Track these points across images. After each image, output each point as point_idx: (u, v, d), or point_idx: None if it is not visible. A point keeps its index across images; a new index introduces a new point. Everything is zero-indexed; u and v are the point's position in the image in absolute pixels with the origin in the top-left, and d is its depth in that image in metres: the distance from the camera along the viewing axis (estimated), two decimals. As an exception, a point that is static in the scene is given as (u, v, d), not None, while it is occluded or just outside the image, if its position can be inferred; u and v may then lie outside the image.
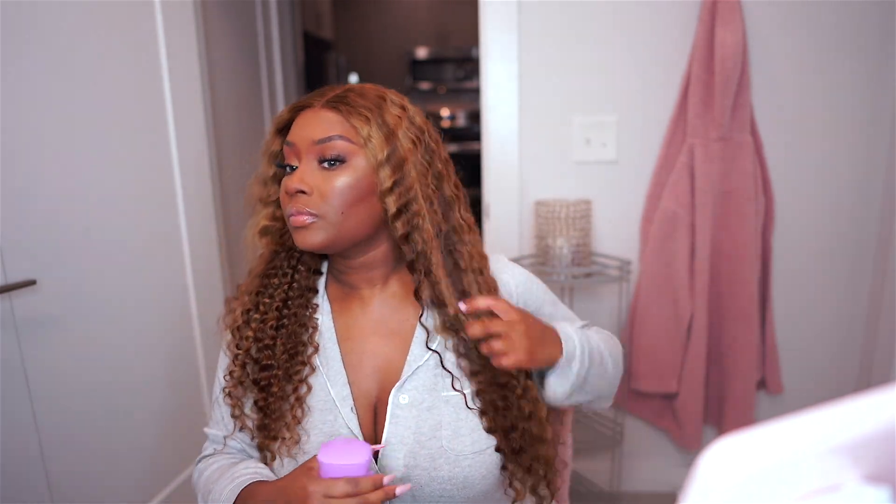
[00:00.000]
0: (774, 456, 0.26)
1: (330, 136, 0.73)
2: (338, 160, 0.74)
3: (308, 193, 0.74)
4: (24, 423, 1.28)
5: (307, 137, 0.74)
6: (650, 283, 1.70)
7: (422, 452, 0.76)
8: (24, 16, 1.26)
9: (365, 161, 0.74)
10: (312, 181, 0.74)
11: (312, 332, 0.82)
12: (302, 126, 0.76)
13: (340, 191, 0.73)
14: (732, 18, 1.51)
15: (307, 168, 0.75)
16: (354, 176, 0.74)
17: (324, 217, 0.74)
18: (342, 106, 0.74)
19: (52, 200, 1.34)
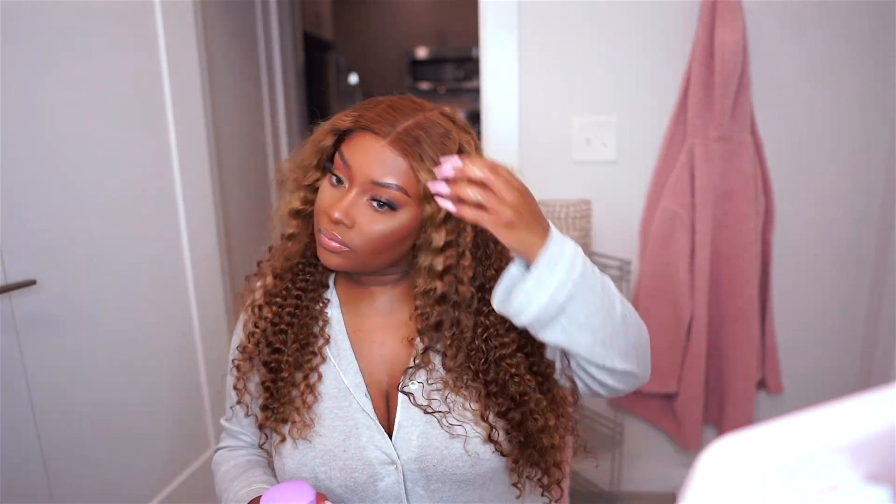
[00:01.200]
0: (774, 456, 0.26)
1: (390, 184, 0.71)
2: (390, 205, 0.72)
3: (349, 227, 0.73)
4: (24, 423, 1.28)
5: (367, 173, 0.71)
6: (650, 283, 1.70)
7: (433, 433, 0.78)
8: (23, 16, 1.26)
9: (413, 211, 0.73)
10: (357, 215, 0.73)
11: (323, 325, 0.84)
12: (364, 156, 0.71)
13: (381, 235, 0.73)
14: (732, 18, 1.51)
15: (356, 200, 0.72)
16: (399, 224, 0.73)
17: (355, 251, 0.74)
18: (412, 151, 0.70)
19: (52, 200, 1.34)
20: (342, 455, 0.79)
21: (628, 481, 1.91)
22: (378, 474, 0.78)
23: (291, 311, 0.82)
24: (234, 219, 2.24)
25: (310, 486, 0.69)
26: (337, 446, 0.79)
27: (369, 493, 0.79)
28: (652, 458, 1.91)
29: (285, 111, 2.78)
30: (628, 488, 1.91)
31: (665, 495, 1.89)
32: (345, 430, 0.79)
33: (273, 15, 2.63)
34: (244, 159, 2.37)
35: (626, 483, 1.90)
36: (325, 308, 0.85)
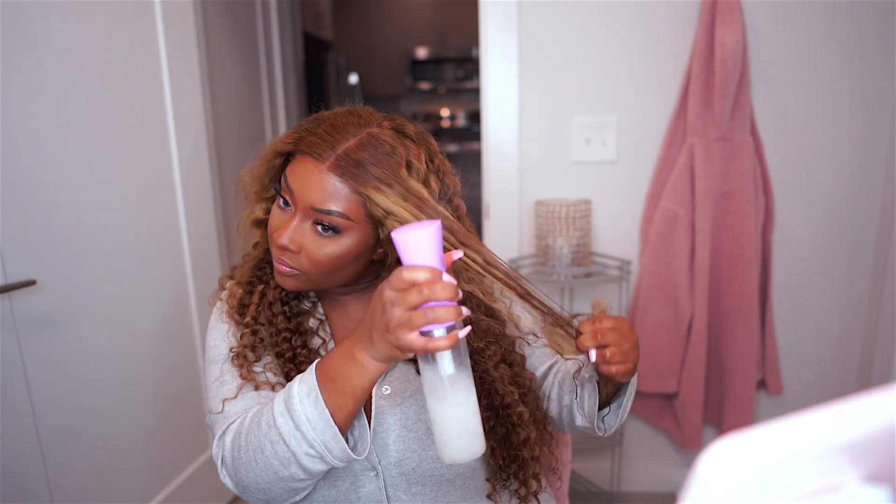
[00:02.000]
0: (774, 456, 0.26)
1: (329, 210, 0.69)
2: (334, 229, 0.71)
3: (295, 252, 0.72)
4: (24, 422, 1.28)
5: (307, 199, 0.70)
6: (650, 283, 1.70)
7: (410, 436, 0.78)
8: (23, 16, 1.26)
9: (361, 233, 0.72)
10: (302, 240, 0.72)
11: (320, 323, 0.84)
12: (304, 181, 0.70)
13: (329, 258, 0.72)
14: (732, 18, 1.51)
15: (299, 226, 0.72)
16: (346, 246, 0.72)
17: (306, 273, 0.74)
18: (352, 176, 0.68)
19: (52, 200, 1.34)
20: None
21: (628, 481, 1.91)
22: (359, 481, 0.78)
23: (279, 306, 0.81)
24: (234, 220, 2.24)
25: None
26: None
27: (352, 500, 0.79)
28: (652, 458, 1.91)
29: (285, 111, 2.78)
30: (628, 488, 1.91)
31: (665, 495, 1.89)
32: None
33: (273, 15, 2.63)
34: (244, 159, 2.37)
35: (626, 483, 1.91)
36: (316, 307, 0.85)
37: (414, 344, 0.58)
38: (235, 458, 0.70)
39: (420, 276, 0.58)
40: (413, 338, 0.58)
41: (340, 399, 0.64)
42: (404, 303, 0.58)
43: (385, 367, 0.64)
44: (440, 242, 0.60)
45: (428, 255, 0.59)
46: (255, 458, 0.68)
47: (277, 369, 0.80)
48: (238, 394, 0.77)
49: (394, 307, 0.59)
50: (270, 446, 0.66)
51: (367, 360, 0.63)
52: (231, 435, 0.72)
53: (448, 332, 0.59)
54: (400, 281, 0.58)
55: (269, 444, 0.66)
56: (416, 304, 0.58)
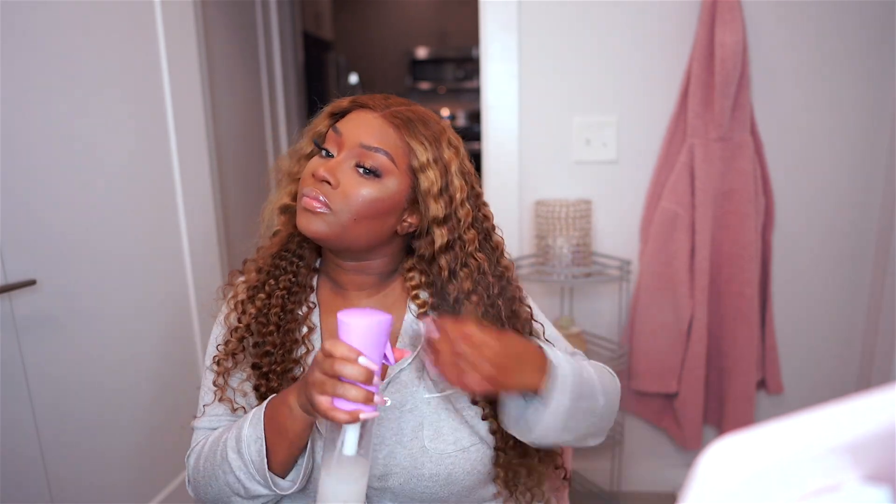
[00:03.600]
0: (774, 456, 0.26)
1: (378, 148, 0.73)
2: (374, 172, 0.73)
3: (333, 186, 0.73)
4: (24, 423, 1.28)
5: (356, 137, 0.74)
6: (650, 283, 1.70)
7: (402, 452, 0.76)
8: (23, 16, 1.26)
9: (398, 184, 0.75)
10: (342, 177, 0.73)
11: (308, 332, 0.82)
12: (356, 123, 0.75)
13: (364, 199, 0.73)
14: (732, 18, 1.51)
15: (343, 164, 0.74)
16: (383, 192, 0.74)
17: (336, 214, 0.73)
18: (403, 126, 0.75)
19: (52, 200, 1.34)
20: None
21: (628, 481, 1.91)
22: None
23: (277, 313, 0.80)
24: (234, 219, 2.24)
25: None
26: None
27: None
28: (652, 458, 1.91)
29: (285, 111, 2.78)
30: (628, 488, 1.91)
31: (665, 495, 1.89)
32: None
33: (273, 15, 2.63)
34: (244, 159, 2.38)
35: (626, 483, 1.90)
36: (311, 314, 0.83)
37: (319, 405, 0.62)
38: (196, 478, 0.78)
39: (337, 350, 0.62)
40: (321, 400, 0.62)
41: (276, 438, 0.71)
42: (322, 368, 0.63)
43: (309, 419, 0.69)
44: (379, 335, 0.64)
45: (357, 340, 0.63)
46: (210, 483, 0.76)
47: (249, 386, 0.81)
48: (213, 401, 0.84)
49: (315, 367, 0.64)
50: (223, 476, 0.74)
51: (295, 406, 0.68)
52: (194, 457, 0.81)
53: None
54: (324, 348, 0.63)
55: (223, 473, 0.74)
56: (329, 374, 0.62)
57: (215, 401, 0.83)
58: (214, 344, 0.85)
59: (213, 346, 0.85)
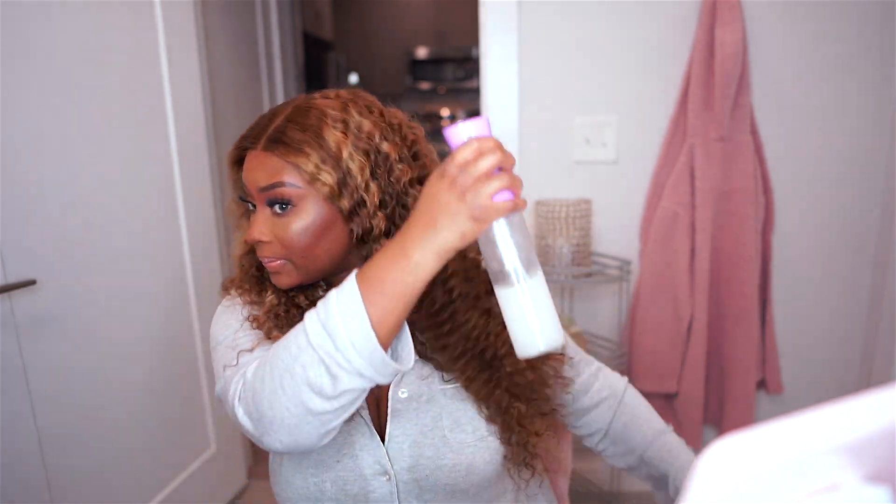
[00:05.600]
0: (774, 456, 0.26)
1: (272, 184, 0.71)
2: (287, 204, 0.72)
3: (268, 242, 0.73)
4: (24, 422, 1.28)
5: (253, 184, 0.73)
6: (650, 283, 1.70)
7: (425, 443, 0.77)
8: (24, 16, 1.26)
9: (315, 199, 0.71)
10: (269, 228, 0.73)
11: None
12: (248, 171, 0.74)
13: (296, 235, 0.72)
14: (732, 18, 1.51)
15: (262, 215, 0.73)
16: (307, 217, 0.72)
17: (290, 260, 0.74)
18: (279, 147, 0.71)
19: (52, 200, 1.34)
20: (335, 466, 0.77)
21: (628, 481, 1.91)
22: (370, 486, 0.77)
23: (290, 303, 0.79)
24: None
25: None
26: (331, 456, 0.77)
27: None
28: (652, 458, 1.91)
29: (285, 111, 2.78)
30: (628, 488, 1.91)
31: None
32: (339, 437, 0.77)
33: (273, 15, 2.63)
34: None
35: (626, 483, 1.90)
36: None
37: (490, 208, 0.57)
38: (258, 390, 0.62)
39: (488, 143, 0.58)
40: (489, 203, 0.56)
41: (390, 303, 0.59)
42: (476, 170, 0.57)
43: (441, 262, 0.59)
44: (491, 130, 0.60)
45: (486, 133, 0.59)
46: (281, 386, 0.60)
47: None
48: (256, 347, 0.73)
49: (464, 176, 0.57)
50: (302, 371, 0.59)
51: (424, 255, 0.59)
52: (252, 368, 0.66)
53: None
54: (467, 150, 0.58)
55: (301, 368, 0.59)
56: (491, 169, 0.57)
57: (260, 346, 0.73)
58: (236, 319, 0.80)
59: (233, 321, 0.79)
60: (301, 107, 0.74)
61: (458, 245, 0.59)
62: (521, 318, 0.60)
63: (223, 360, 0.74)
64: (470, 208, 0.57)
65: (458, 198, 0.57)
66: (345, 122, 0.72)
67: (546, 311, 0.61)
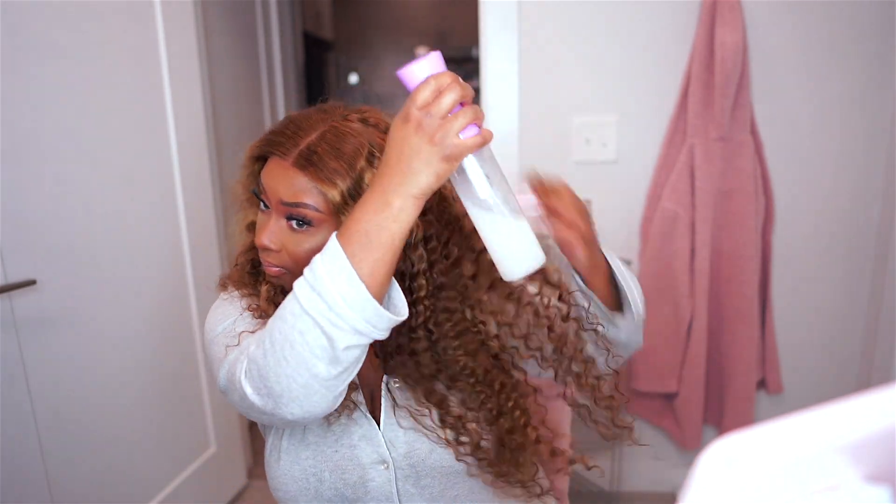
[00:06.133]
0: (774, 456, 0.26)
1: (296, 203, 0.70)
2: (306, 223, 0.71)
3: (277, 251, 0.73)
4: (24, 422, 1.28)
5: (276, 194, 0.71)
6: (650, 283, 1.70)
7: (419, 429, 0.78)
8: (24, 16, 1.26)
9: (333, 227, 0.70)
10: (281, 239, 0.73)
11: None
12: (272, 177, 0.72)
13: (308, 254, 0.69)
14: (732, 18, 1.51)
15: (276, 224, 0.73)
16: (323, 240, 0.67)
17: (292, 272, 0.73)
18: (310, 169, 0.69)
19: (52, 200, 1.34)
20: (333, 456, 0.78)
21: (628, 481, 1.91)
22: (368, 475, 0.78)
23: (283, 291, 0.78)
24: (234, 221, 2.24)
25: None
26: (329, 446, 0.78)
27: (360, 494, 0.78)
28: (652, 458, 1.91)
29: (285, 111, 2.78)
30: (628, 488, 1.91)
31: (665, 495, 1.89)
32: (336, 428, 0.79)
33: (273, 15, 2.63)
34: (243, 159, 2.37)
35: (626, 483, 1.90)
36: None
37: (459, 146, 0.58)
38: (262, 365, 0.62)
39: (445, 79, 0.58)
40: (457, 140, 0.58)
41: (377, 252, 0.59)
42: (439, 110, 0.58)
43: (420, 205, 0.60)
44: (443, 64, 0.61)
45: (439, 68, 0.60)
46: (284, 357, 0.60)
47: None
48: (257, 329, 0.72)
49: (429, 119, 0.58)
50: (301, 337, 0.59)
51: (404, 200, 0.59)
52: (255, 342, 0.65)
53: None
54: (425, 91, 0.58)
55: (300, 334, 0.59)
56: (453, 106, 0.58)
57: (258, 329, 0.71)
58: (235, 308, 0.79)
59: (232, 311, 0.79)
60: (339, 130, 0.71)
61: (435, 186, 0.60)
62: (503, 243, 0.63)
63: (225, 343, 0.73)
64: (441, 149, 0.58)
65: (427, 141, 0.58)
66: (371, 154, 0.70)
67: (526, 233, 0.64)
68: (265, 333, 0.63)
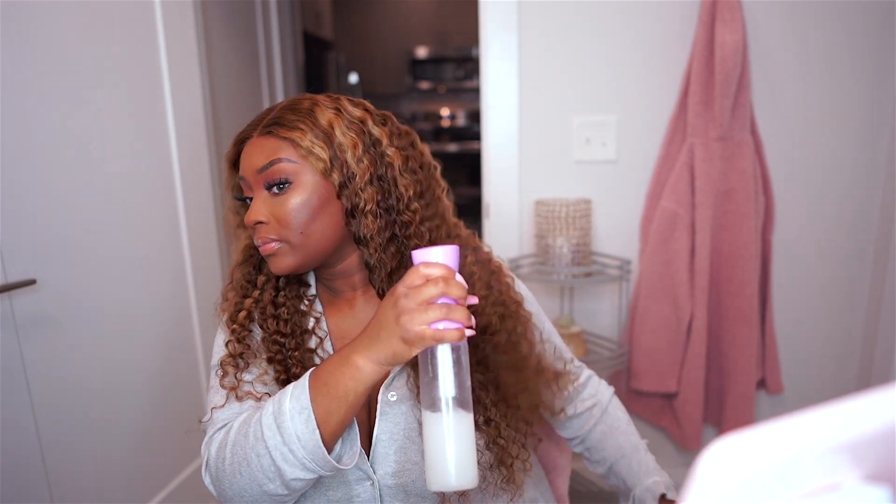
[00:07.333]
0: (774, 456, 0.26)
1: (270, 162, 0.73)
2: (284, 183, 0.74)
3: (266, 222, 0.75)
4: (24, 422, 1.28)
5: (251, 168, 0.75)
6: (650, 282, 1.70)
7: (412, 448, 0.77)
8: (24, 16, 1.26)
9: (311, 175, 0.74)
10: (267, 209, 0.75)
11: (316, 321, 0.82)
12: (245, 159, 0.76)
13: (294, 211, 0.73)
14: (732, 18, 1.51)
15: (259, 198, 0.75)
16: (305, 193, 0.74)
17: (287, 241, 0.74)
18: (275, 128, 0.74)
19: (52, 200, 1.34)
20: None
21: (628, 481, 1.91)
22: (354, 491, 0.77)
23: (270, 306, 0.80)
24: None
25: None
26: None
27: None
28: (652, 458, 1.91)
29: (285, 111, 2.78)
30: (628, 488, 1.91)
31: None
32: None
33: (273, 14, 2.63)
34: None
35: (626, 483, 1.90)
36: (313, 305, 0.83)
37: (425, 334, 0.58)
38: (219, 468, 0.70)
39: (436, 271, 0.60)
40: (424, 328, 0.58)
41: (333, 404, 0.64)
42: (419, 296, 0.59)
43: (382, 371, 0.63)
44: (457, 260, 0.62)
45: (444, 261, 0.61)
46: (239, 471, 0.67)
47: (269, 377, 0.79)
48: (225, 403, 0.77)
49: (406, 300, 0.60)
50: (257, 460, 0.66)
51: (366, 362, 0.63)
52: (216, 444, 0.72)
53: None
54: (415, 276, 0.60)
55: (256, 457, 0.66)
56: (431, 298, 0.59)
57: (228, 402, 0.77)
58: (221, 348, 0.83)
59: (218, 350, 0.84)
60: (294, 98, 0.79)
61: (393, 361, 0.62)
62: (440, 449, 0.60)
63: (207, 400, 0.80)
64: (401, 331, 0.60)
65: (395, 318, 0.60)
66: (336, 108, 0.76)
67: (467, 449, 0.60)
68: (228, 441, 0.70)
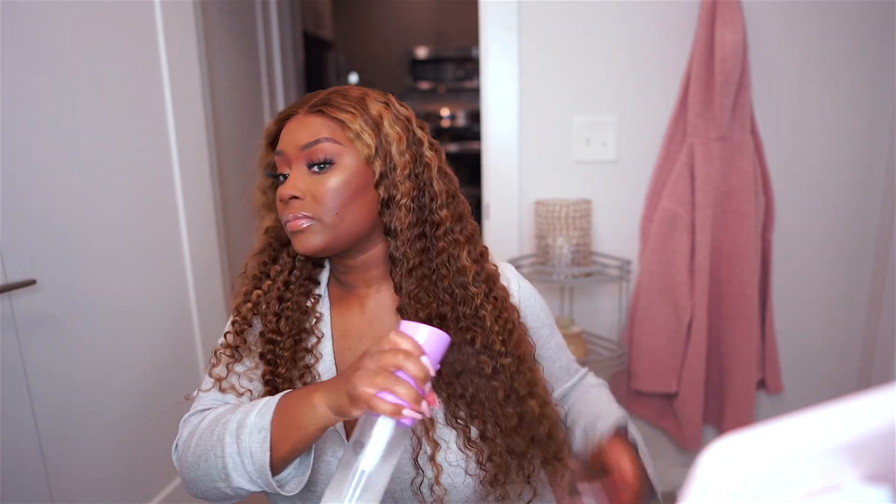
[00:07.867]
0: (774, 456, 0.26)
1: (316, 140, 0.73)
2: (327, 163, 0.74)
3: (301, 198, 0.74)
4: (24, 422, 1.28)
5: (294, 144, 0.75)
6: (650, 282, 1.70)
7: (403, 457, 0.76)
8: (24, 16, 1.26)
9: (354, 159, 0.74)
10: (304, 185, 0.74)
11: (316, 321, 0.81)
12: (289, 134, 0.76)
13: (333, 191, 0.73)
14: (732, 18, 1.51)
15: (298, 174, 0.75)
16: (345, 175, 0.74)
17: (319, 219, 0.73)
18: (326, 108, 0.75)
19: (52, 200, 1.34)
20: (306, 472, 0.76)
21: (628, 481, 1.91)
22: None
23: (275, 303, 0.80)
24: (234, 219, 2.24)
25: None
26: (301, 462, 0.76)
27: None
28: (652, 458, 1.91)
29: (285, 111, 2.78)
30: (628, 488, 1.91)
31: (665, 495, 1.89)
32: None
33: (273, 15, 2.63)
34: (244, 159, 2.37)
35: (626, 483, 1.90)
36: (317, 305, 0.83)
37: (362, 395, 0.58)
38: (184, 453, 0.73)
39: (405, 344, 0.59)
40: (365, 390, 0.58)
41: (290, 432, 0.66)
42: (379, 360, 0.59)
43: (331, 419, 0.63)
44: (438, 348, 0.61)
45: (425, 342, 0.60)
46: (198, 463, 0.71)
47: (256, 374, 0.79)
48: (211, 389, 0.80)
49: (369, 359, 0.60)
50: (214, 458, 0.69)
51: (321, 404, 0.64)
52: (189, 429, 0.76)
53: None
54: (385, 340, 0.61)
55: (214, 456, 0.69)
56: (387, 366, 0.58)
57: (213, 389, 0.79)
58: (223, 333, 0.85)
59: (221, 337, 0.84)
60: (342, 86, 0.79)
61: (338, 412, 0.62)
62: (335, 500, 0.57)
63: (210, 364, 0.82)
64: (350, 387, 0.59)
65: (351, 372, 0.61)
66: (385, 102, 0.78)
67: None
68: (197, 431, 0.73)
